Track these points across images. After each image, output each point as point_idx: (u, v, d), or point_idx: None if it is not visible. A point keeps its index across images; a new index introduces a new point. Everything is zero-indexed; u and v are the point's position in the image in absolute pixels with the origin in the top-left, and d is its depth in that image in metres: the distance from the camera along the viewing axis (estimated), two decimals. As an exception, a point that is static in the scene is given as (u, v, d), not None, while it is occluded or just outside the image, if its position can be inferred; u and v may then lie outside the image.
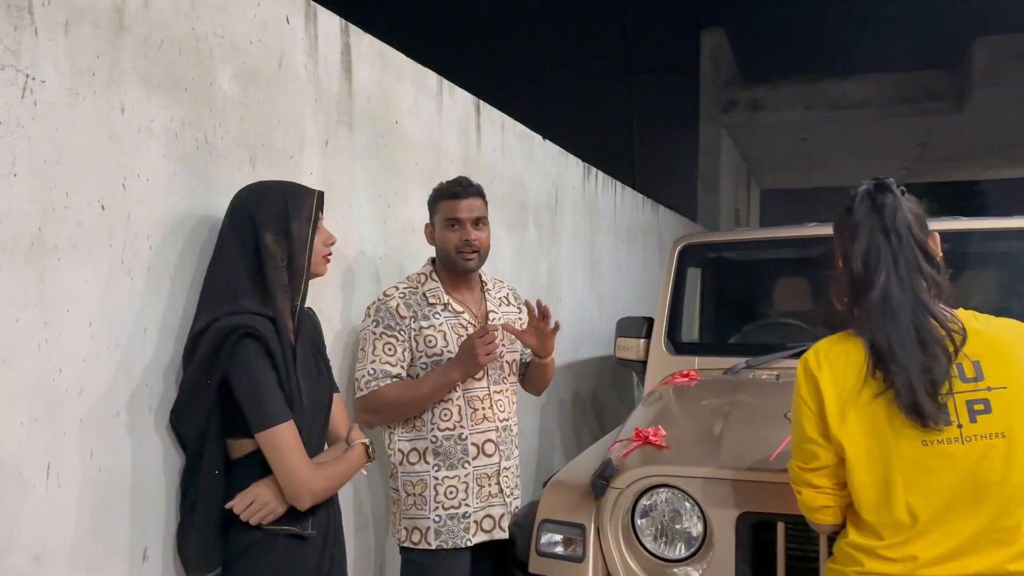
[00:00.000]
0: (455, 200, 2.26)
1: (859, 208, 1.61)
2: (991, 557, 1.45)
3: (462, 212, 2.25)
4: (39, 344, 1.47)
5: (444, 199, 2.29)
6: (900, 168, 14.64)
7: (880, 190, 1.61)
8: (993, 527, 1.46)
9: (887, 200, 1.59)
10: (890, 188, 1.62)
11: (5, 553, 1.42)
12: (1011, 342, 1.54)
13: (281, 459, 1.66)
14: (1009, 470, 1.46)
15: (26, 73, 1.45)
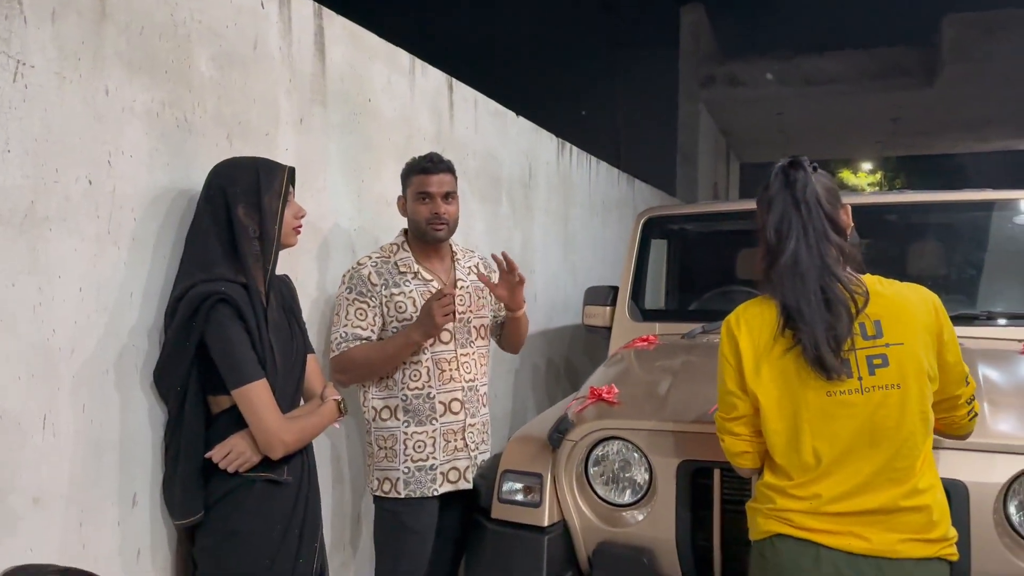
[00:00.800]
0: (426, 175, 2.41)
1: (774, 183, 1.76)
2: (886, 494, 1.61)
3: (432, 187, 2.40)
4: (34, 307, 1.62)
5: (416, 174, 2.43)
6: (875, 142, 14.83)
7: (793, 167, 1.76)
8: (888, 468, 1.62)
9: (798, 176, 1.73)
10: (802, 165, 1.76)
11: (6, 495, 1.58)
12: (910, 304, 1.70)
13: (254, 413, 1.82)
14: (903, 417, 1.62)
15: (16, 59, 1.59)
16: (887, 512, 1.61)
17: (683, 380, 2.51)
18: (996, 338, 2.85)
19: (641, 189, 7.44)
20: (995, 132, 13.02)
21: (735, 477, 2.11)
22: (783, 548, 1.66)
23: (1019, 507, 1.94)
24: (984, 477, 1.94)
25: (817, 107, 11.09)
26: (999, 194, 3.20)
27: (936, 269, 3.31)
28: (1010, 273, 3.19)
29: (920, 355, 1.65)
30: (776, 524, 1.68)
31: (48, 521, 1.66)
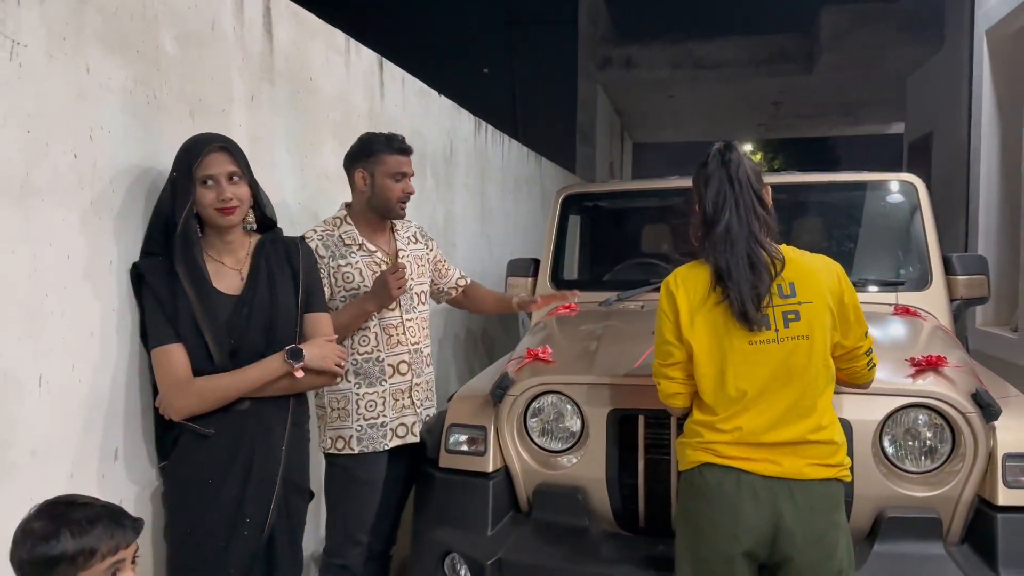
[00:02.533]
0: (402, 156, 2.58)
1: (711, 162, 2.05)
2: (796, 428, 1.92)
3: (406, 168, 2.58)
4: (29, 273, 1.73)
5: (392, 153, 2.56)
6: (758, 124, 15.70)
7: (728, 149, 2.06)
8: (798, 404, 1.93)
9: (732, 157, 2.04)
10: (734, 148, 2.07)
11: (8, 448, 1.69)
12: (818, 270, 2.02)
13: (157, 376, 1.97)
14: (809, 362, 1.94)
15: (12, 39, 1.68)
16: (797, 443, 1.92)
17: (608, 341, 2.80)
18: (871, 302, 3.27)
19: (547, 167, 7.74)
20: (867, 116, 14.05)
21: (656, 424, 2.41)
22: (709, 474, 1.95)
23: (891, 441, 2.32)
24: (864, 416, 2.31)
25: (706, 90, 11.68)
26: (872, 176, 3.64)
27: (818, 243, 3.73)
28: (881, 245, 3.65)
29: (824, 313, 1.96)
30: (703, 455, 1.97)
31: (44, 472, 1.78)
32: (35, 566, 1.34)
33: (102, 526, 1.38)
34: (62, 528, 1.34)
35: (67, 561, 1.33)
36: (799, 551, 1.88)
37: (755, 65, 10.42)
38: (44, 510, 1.39)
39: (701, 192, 2.06)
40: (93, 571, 1.35)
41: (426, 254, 2.82)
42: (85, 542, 1.35)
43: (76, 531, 1.35)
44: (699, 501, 1.97)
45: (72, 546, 1.34)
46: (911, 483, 2.28)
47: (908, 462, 2.30)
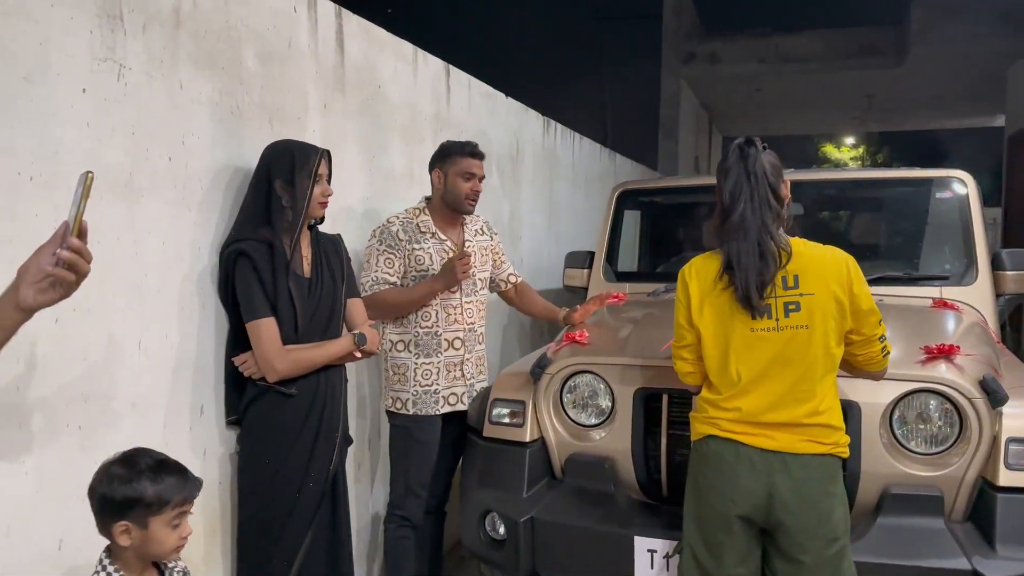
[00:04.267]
0: (473, 159, 2.96)
1: (730, 157, 2.22)
2: (793, 411, 2.09)
3: (476, 169, 2.96)
4: (131, 256, 2.10)
5: (464, 156, 2.95)
6: (852, 118, 15.30)
7: (747, 144, 2.21)
8: (795, 389, 2.10)
9: (751, 152, 2.19)
10: (754, 143, 2.21)
11: (112, 400, 2.07)
12: (825, 262, 2.16)
13: (256, 343, 2.31)
14: (807, 350, 2.10)
15: (119, 63, 2.05)
16: (792, 425, 2.09)
17: (643, 327, 3.02)
18: (913, 296, 3.36)
19: (622, 163, 7.91)
20: (966, 109, 13.52)
21: (679, 402, 2.62)
22: (713, 445, 2.16)
23: (900, 422, 2.46)
24: (873, 399, 2.45)
25: (793, 84, 11.53)
26: (922, 172, 3.71)
27: (868, 237, 3.83)
28: (928, 241, 3.71)
29: (827, 304, 2.11)
30: (708, 427, 2.18)
31: (140, 423, 2.15)
32: (114, 503, 1.61)
33: (175, 480, 1.67)
34: (144, 475, 1.63)
35: (143, 505, 1.61)
36: (792, 516, 2.06)
37: (843, 59, 10.25)
38: (127, 457, 1.67)
39: (721, 184, 2.22)
40: (163, 517, 1.63)
41: (489, 245, 3.16)
42: (161, 490, 1.63)
43: (154, 480, 1.63)
44: (703, 468, 2.18)
45: (151, 492, 1.61)
46: (917, 463, 2.42)
47: (915, 443, 2.44)
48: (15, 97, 1.77)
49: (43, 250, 1.35)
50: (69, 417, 1.93)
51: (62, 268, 1.33)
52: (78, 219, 1.35)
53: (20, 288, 1.33)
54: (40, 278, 1.33)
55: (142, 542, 1.64)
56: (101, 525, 1.66)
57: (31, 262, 1.35)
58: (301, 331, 2.37)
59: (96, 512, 1.65)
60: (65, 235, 1.34)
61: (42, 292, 1.34)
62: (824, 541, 2.07)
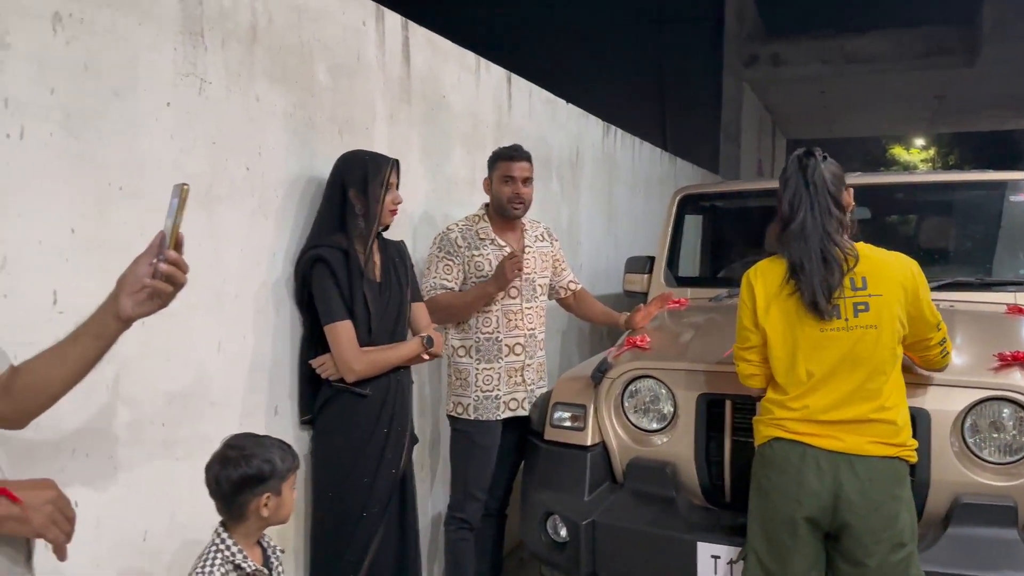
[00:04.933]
0: (511, 162, 2.97)
1: (790, 168, 2.28)
2: (860, 408, 2.11)
3: (515, 172, 2.96)
4: (211, 263, 2.20)
5: (503, 160, 2.98)
6: (921, 119, 14.87)
7: (806, 156, 2.26)
8: (862, 388, 2.12)
9: (810, 163, 2.24)
10: (813, 154, 2.27)
11: (192, 398, 2.17)
12: (891, 266, 2.20)
13: (335, 345, 2.40)
14: (875, 349, 2.12)
15: (200, 77, 2.15)
16: (859, 422, 2.10)
17: (705, 332, 3.02)
18: (988, 301, 3.28)
19: (683, 167, 7.86)
20: (1045, 109, 13.04)
21: (741, 407, 2.62)
22: (778, 447, 2.17)
23: (972, 430, 2.41)
24: (943, 407, 2.41)
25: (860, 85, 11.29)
26: (994, 175, 3.61)
27: (938, 242, 3.74)
28: (1002, 245, 3.61)
29: (894, 306, 2.14)
30: (774, 430, 2.19)
31: (220, 420, 2.25)
32: (254, 478, 1.75)
33: (285, 446, 1.85)
34: (268, 448, 1.80)
35: (278, 474, 1.78)
36: (858, 518, 2.06)
37: (911, 59, 9.98)
38: (236, 443, 1.82)
39: (781, 194, 2.28)
40: (288, 482, 1.82)
41: (549, 251, 3.18)
42: (286, 457, 1.82)
43: (277, 450, 1.81)
44: (768, 470, 2.19)
45: (278, 460, 1.79)
46: (989, 472, 2.36)
47: (988, 452, 2.38)
48: (106, 111, 1.88)
49: (140, 260, 1.37)
50: (153, 415, 2.04)
51: (160, 280, 1.35)
52: (175, 231, 1.36)
53: (120, 298, 1.35)
54: (138, 289, 1.35)
55: (277, 508, 1.80)
56: (236, 506, 1.78)
57: (129, 273, 1.37)
58: (374, 334, 2.45)
59: (229, 494, 1.77)
60: (161, 246, 1.35)
61: (140, 304, 1.36)
62: (890, 545, 2.07)
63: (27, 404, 1.38)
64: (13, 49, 1.66)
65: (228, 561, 1.75)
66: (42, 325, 1.72)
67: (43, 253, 1.74)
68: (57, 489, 1.21)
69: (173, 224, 1.36)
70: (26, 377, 1.37)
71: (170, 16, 2.04)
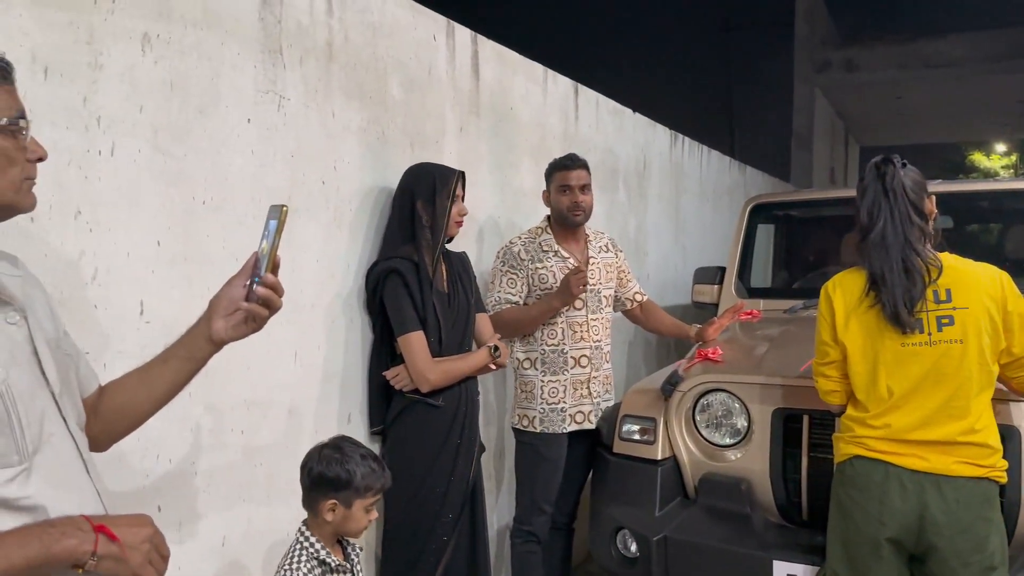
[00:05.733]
0: (567, 171, 2.96)
1: (868, 176, 2.20)
2: (946, 428, 2.02)
3: (572, 180, 2.95)
4: (289, 273, 2.25)
5: (558, 170, 2.98)
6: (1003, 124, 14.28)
7: (884, 163, 2.18)
8: (948, 405, 2.02)
9: (888, 170, 2.16)
10: (892, 161, 2.18)
11: (270, 406, 2.22)
12: (978, 278, 2.10)
13: (409, 355, 2.42)
14: (961, 365, 2.03)
15: (279, 94, 2.21)
16: (947, 443, 2.01)
17: (780, 344, 2.95)
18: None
19: (753, 175, 7.73)
20: None
21: (819, 423, 2.54)
22: (860, 466, 2.09)
23: (1068, 451, 2.29)
24: (1036, 425, 2.29)
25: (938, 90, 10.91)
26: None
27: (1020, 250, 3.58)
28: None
29: (981, 319, 2.04)
30: (855, 448, 2.11)
31: (294, 429, 2.30)
32: (328, 482, 1.79)
33: (378, 468, 1.86)
34: (354, 460, 1.81)
35: (352, 487, 1.80)
36: (945, 540, 1.97)
37: (992, 61, 9.60)
38: (337, 444, 1.86)
39: (859, 203, 2.20)
40: (364, 501, 1.83)
41: (614, 262, 3.15)
42: (368, 476, 1.82)
43: (362, 466, 1.82)
44: (849, 489, 2.12)
45: (359, 476, 1.80)
46: (1086, 494, 2.24)
47: (1086, 474, 2.26)
48: (191, 128, 1.95)
49: (234, 283, 1.34)
50: (233, 422, 2.09)
51: (256, 303, 1.32)
52: (272, 253, 1.32)
53: (213, 321, 1.32)
54: (232, 311, 1.32)
55: (343, 520, 1.81)
56: (309, 501, 1.84)
57: (222, 295, 1.34)
58: (444, 344, 2.47)
59: (307, 488, 1.83)
60: (255, 268, 1.32)
61: (235, 327, 1.33)
62: (979, 569, 1.98)
63: (114, 426, 1.37)
64: (106, 69, 1.74)
65: (313, 557, 1.80)
66: (130, 335, 1.79)
67: (131, 265, 1.81)
68: (154, 526, 1.16)
69: (271, 246, 1.32)
70: (115, 398, 1.36)
71: (250, 35, 2.11)
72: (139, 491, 1.85)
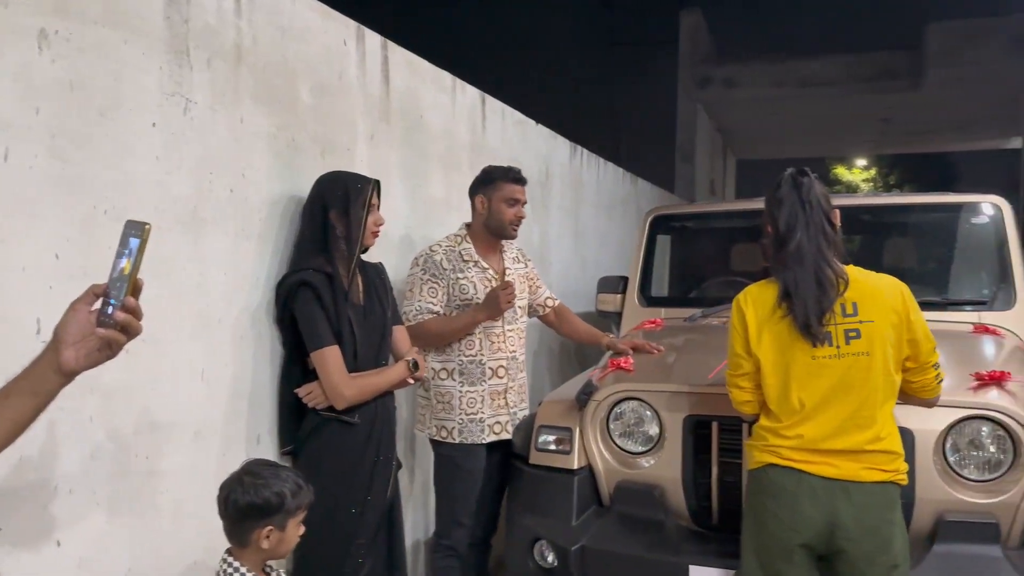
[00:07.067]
0: (517, 184, 2.98)
1: (784, 186, 2.25)
2: (855, 438, 2.09)
3: (520, 195, 2.98)
4: (196, 285, 2.13)
5: (508, 182, 2.97)
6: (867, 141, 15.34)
7: (800, 174, 2.25)
8: (856, 415, 2.10)
9: (804, 181, 2.22)
10: (806, 173, 2.25)
11: (176, 428, 2.09)
12: (882, 290, 2.18)
13: (323, 371, 2.33)
14: (868, 377, 2.11)
15: (186, 97, 2.09)
16: (854, 452, 2.09)
17: (687, 352, 3.03)
18: (954, 321, 3.36)
19: (644, 187, 7.95)
20: (982, 132, 13.54)
21: (729, 430, 2.62)
22: (773, 474, 2.15)
23: (953, 449, 2.45)
24: (926, 426, 2.45)
25: (811, 108, 11.59)
26: (958, 197, 3.72)
27: (904, 262, 3.83)
28: (966, 266, 3.72)
29: (886, 331, 2.12)
30: (768, 456, 2.17)
31: (203, 450, 2.17)
32: (260, 509, 1.72)
33: (302, 483, 1.81)
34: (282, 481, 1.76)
35: (285, 509, 1.75)
36: (853, 543, 2.06)
37: (860, 82, 10.29)
38: (253, 470, 1.78)
39: (774, 214, 2.24)
40: (296, 519, 1.79)
41: (525, 272, 3.16)
42: (298, 493, 1.78)
43: (289, 485, 1.77)
44: (763, 497, 2.18)
45: (290, 496, 1.76)
46: (971, 490, 2.41)
47: (969, 470, 2.43)
48: (92, 132, 1.81)
49: (78, 308, 1.21)
50: (137, 447, 1.96)
51: (114, 329, 1.19)
52: (133, 276, 1.19)
53: (62, 350, 1.19)
54: (82, 338, 1.19)
55: (278, 543, 1.76)
56: (239, 532, 1.75)
57: (69, 321, 1.20)
58: (360, 359, 2.39)
59: (234, 520, 1.74)
60: (108, 291, 1.20)
61: (88, 355, 1.20)
62: (884, 568, 2.07)
63: None
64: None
65: None
66: (27, 355, 1.63)
67: (27, 280, 1.66)
68: None
69: (133, 266, 1.19)
70: None
71: (156, 34, 1.98)
72: (36, 526, 1.70)
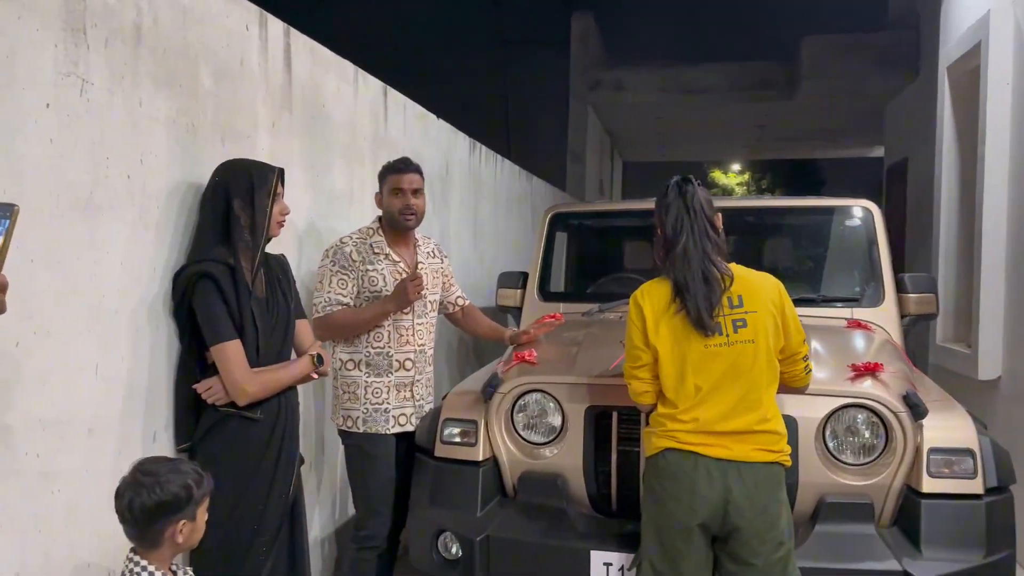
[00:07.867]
0: (399, 174, 2.94)
1: (670, 194, 2.42)
2: (745, 419, 2.26)
3: (404, 184, 2.94)
4: (92, 276, 2.03)
5: (392, 173, 2.95)
6: (743, 146, 16.10)
7: (685, 182, 2.42)
8: (745, 398, 2.26)
9: (688, 188, 2.40)
10: (691, 181, 2.43)
11: (71, 424, 1.99)
12: (762, 285, 2.37)
13: (224, 366, 2.26)
14: (754, 362, 2.28)
15: (83, 78, 1.99)
16: (744, 433, 2.25)
17: (587, 346, 3.12)
18: (829, 316, 3.60)
19: (538, 185, 8.07)
20: (850, 140, 14.49)
21: (628, 420, 2.72)
22: (671, 457, 2.27)
23: (832, 435, 2.64)
24: (808, 414, 2.62)
25: (693, 113, 12.05)
26: (833, 201, 3.99)
27: (783, 261, 4.08)
28: (840, 265, 3.99)
29: (768, 321, 2.31)
30: (666, 441, 2.29)
31: (97, 448, 2.07)
32: (171, 505, 1.69)
33: (200, 471, 1.79)
34: (183, 473, 1.73)
35: (193, 499, 1.73)
36: (746, 521, 2.20)
37: (739, 91, 10.80)
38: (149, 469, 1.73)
39: (663, 219, 2.42)
40: (203, 506, 1.77)
41: (440, 268, 3.17)
42: (201, 482, 1.76)
43: (191, 475, 1.75)
44: (662, 479, 2.29)
45: (194, 486, 1.73)
46: (849, 473, 2.60)
47: (847, 455, 2.62)
48: (-22, 111, 1.70)
49: None
50: (27, 444, 1.85)
51: None
52: (3, 252, 1.25)
53: None
54: None
55: (191, 533, 1.74)
56: (151, 534, 1.70)
57: None
58: (262, 353, 2.34)
59: (143, 523, 1.69)
60: None
61: None
62: (773, 544, 2.23)
63: None
64: None
65: None
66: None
67: (-93, 266, 1.54)
68: None
69: (3, 244, 1.26)
70: None
71: (51, 10, 1.88)
72: (-85, 531, 1.58)
